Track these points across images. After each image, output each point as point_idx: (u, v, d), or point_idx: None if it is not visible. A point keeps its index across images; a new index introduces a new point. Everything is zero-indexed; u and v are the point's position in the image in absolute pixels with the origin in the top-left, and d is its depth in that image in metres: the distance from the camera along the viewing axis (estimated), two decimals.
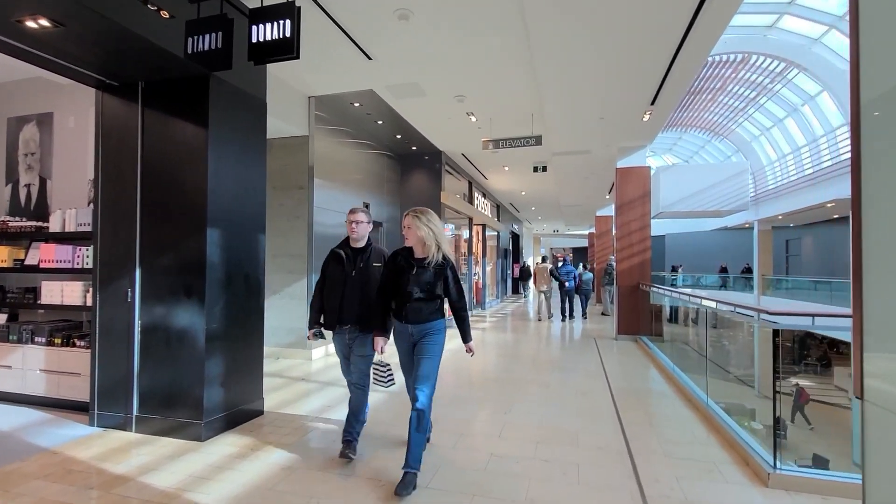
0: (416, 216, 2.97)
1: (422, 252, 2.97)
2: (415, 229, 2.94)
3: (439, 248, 2.97)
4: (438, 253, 2.95)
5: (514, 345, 8.09)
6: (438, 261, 2.95)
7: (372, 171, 8.62)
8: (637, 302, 8.35)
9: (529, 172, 11.29)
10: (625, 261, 8.50)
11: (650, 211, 8.39)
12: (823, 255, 20.62)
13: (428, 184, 9.70)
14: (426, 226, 2.94)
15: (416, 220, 2.96)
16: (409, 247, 3.04)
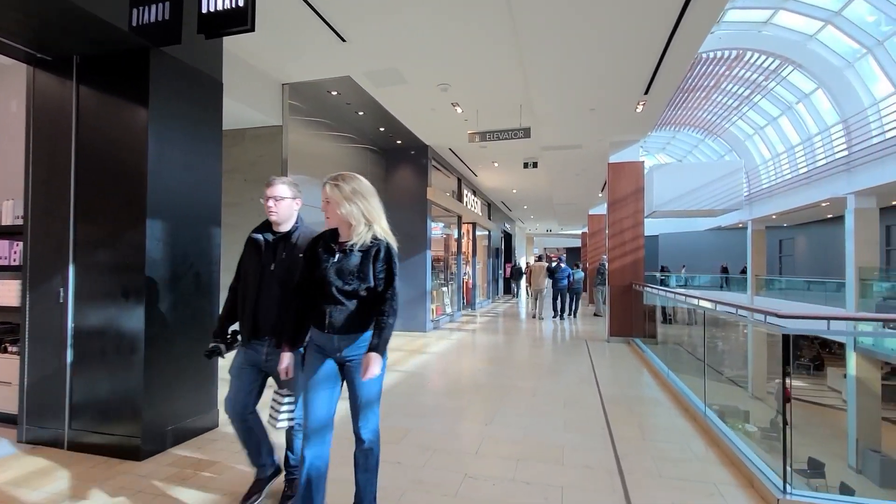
0: (336, 185, 2.14)
1: (348, 234, 2.19)
2: (335, 203, 2.13)
3: (370, 225, 2.21)
4: (368, 232, 2.19)
5: (502, 347, 7.71)
6: (366, 242, 2.17)
7: (354, 167, 8.21)
8: (630, 303, 8.00)
9: (520, 169, 10.93)
10: (617, 260, 8.15)
11: (643, 208, 8.05)
12: (817, 256, 20.44)
13: (414, 180, 9.31)
14: (349, 198, 2.13)
15: (335, 190, 2.13)
16: (334, 228, 2.25)
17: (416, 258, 9.22)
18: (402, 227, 9.51)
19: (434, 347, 7.54)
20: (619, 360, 6.65)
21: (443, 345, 7.81)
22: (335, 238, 2.24)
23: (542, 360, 6.71)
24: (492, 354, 7.07)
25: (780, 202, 17.74)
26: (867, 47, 12.63)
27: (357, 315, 2.15)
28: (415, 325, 9.19)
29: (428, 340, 8.24)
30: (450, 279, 12.29)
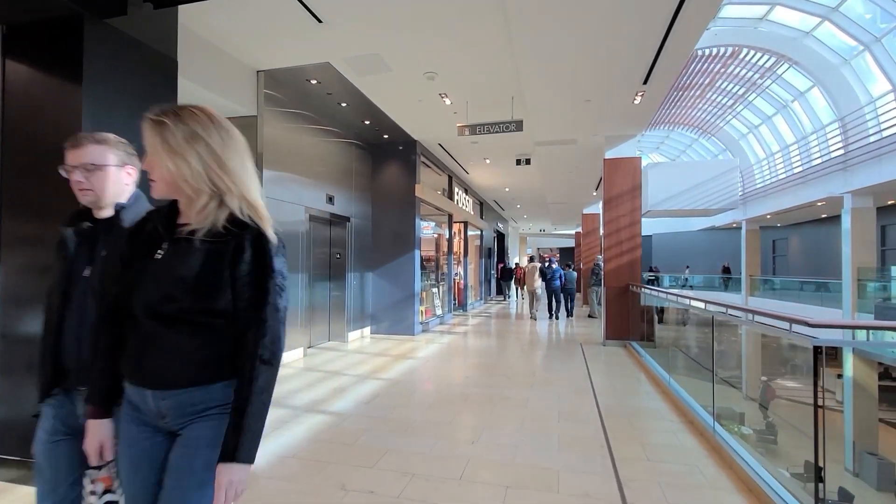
0: (159, 123, 1.18)
1: (189, 210, 1.21)
2: (159, 155, 1.18)
3: (222, 197, 1.19)
4: (221, 209, 1.19)
5: (492, 351, 7.32)
6: (219, 225, 1.18)
7: (338, 162, 7.78)
8: (626, 305, 7.65)
9: (512, 165, 10.55)
10: (613, 260, 7.79)
11: (640, 206, 7.70)
12: (810, 256, 20.29)
13: (402, 176, 8.89)
14: (181, 147, 1.16)
15: (156, 131, 1.18)
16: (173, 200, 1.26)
17: (403, 258, 8.80)
18: (389, 225, 9.13)
19: (421, 352, 7.14)
20: (616, 366, 6.28)
21: (431, 349, 7.41)
22: (172, 219, 1.25)
23: (535, 365, 6.33)
24: (481, 360, 6.68)
25: (775, 202, 17.55)
26: (864, 44, 12.41)
27: (189, 356, 1.17)
28: (402, 328, 8.78)
29: (415, 344, 7.83)
30: (440, 280, 11.89)
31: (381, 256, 8.91)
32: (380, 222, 8.93)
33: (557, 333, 9.45)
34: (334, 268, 8.04)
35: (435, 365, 6.26)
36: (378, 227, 8.94)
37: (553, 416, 4.11)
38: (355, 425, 3.82)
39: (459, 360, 6.66)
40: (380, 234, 8.92)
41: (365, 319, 8.75)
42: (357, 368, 5.97)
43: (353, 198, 8.30)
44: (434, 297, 10.94)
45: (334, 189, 7.60)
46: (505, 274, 18.20)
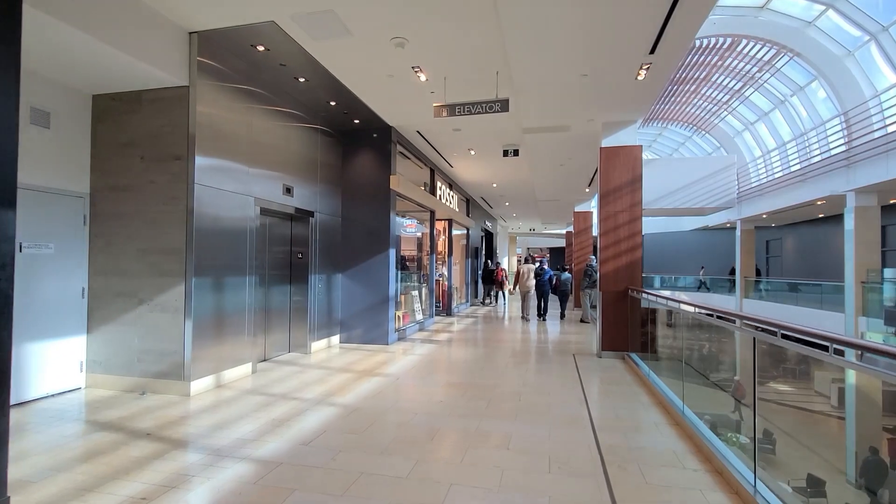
0: None
1: None
2: None
3: None
4: None
5: (473, 366, 6.38)
6: None
7: (300, 150, 6.78)
8: (625, 312, 6.76)
9: (499, 157, 9.63)
10: (610, 261, 6.90)
11: (641, 200, 6.82)
12: (805, 257, 19.68)
13: (376, 168, 7.92)
14: None
15: None
16: None
17: (377, 258, 7.83)
18: (362, 222, 8.16)
19: (392, 366, 6.18)
20: (616, 385, 5.38)
21: (403, 363, 6.46)
22: None
23: (522, 385, 5.40)
24: (460, 377, 5.74)
25: (772, 201, 16.87)
26: (871, 33, 11.70)
27: None
28: (374, 336, 7.81)
29: (388, 356, 6.88)
30: (422, 282, 10.94)
31: (352, 256, 7.94)
32: (351, 218, 7.95)
33: (547, 342, 8.55)
34: (296, 269, 7.05)
35: (404, 384, 5.31)
36: (349, 223, 7.95)
37: (542, 464, 3.18)
38: (279, 482, 2.85)
39: (434, 377, 5.71)
40: (351, 231, 7.94)
41: (333, 327, 7.77)
42: (311, 390, 4.99)
43: (319, 191, 7.31)
44: (414, 301, 9.99)
45: (294, 180, 6.61)
46: (485, 276, 16.11)
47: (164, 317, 4.80)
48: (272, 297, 6.61)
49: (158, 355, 4.82)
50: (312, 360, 6.54)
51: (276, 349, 6.74)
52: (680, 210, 18.57)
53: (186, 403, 4.47)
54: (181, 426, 3.84)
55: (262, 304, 6.35)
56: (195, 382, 4.78)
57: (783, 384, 16.97)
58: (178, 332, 4.76)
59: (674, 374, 5.56)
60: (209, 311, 4.99)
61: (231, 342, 5.31)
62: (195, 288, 4.76)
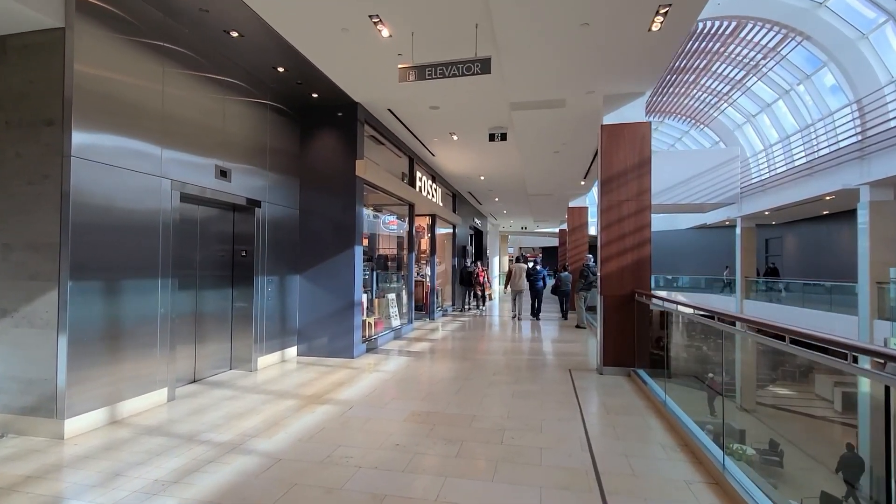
0: None
1: None
2: None
3: None
4: None
5: (450, 387, 5.23)
6: None
7: (241, 130, 5.59)
8: (631, 320, 5.66)
9: (485, 143, 8.49)
10: (612, 260, 5.79)
11: (650, 187, 5.72)
12: (808, 256, 18.75)
13: (339, 151, 6.74)
14: None
15: None
16: None
17: (340, 257, 6.66)
18: (323, 215, 6.96)
19: (349, 389, 5.02)
20: (626, 417, 4.26)
21: (365, 383, 5.29)
22: None
23: (506, 416, 4.26)
24: (430, 404, 4.58)
25: (775, 197, 15.88)
26: (889, 12, 10.73)
27: None
28: (338, 348, 6.64)
29: (349, 374, 5.72)
30: (400, 283, 9.79)
31: (312, 255, 6.76)
32: (312, 211, 6.77)
33: (540, 353, 7.42)
34: (239, 269, 5.86)
35: (357, 417, 4.15)
36: (309, 217, 6.77)
37: None
38: None
39: (398, 404, 4.55)
40: (311, 226, 6.76)
41: (288, 337, 6.59)
42: (232, 427, 3.81)
43: (270, 179, 6.13)
44: (390, 305, 8.82)
45: (234, 163, 5.42)
46: (464, 279, 13.70)
47: (31, 333, 3.60)
48: (206, 302, 5.41)
49: (25, 384, 3.61)
50: (256, 380, 5.36)
51: (212, 366, 5.55)
52: (679, 206, 17.59)
53: (50, 451, 3.27)
54: (14, 493, 2.66)
55: (191, 311, 5.16)
56: (73, 420, 3.58)
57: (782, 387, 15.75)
58: (49, 352, 3.56)
59: (700, 403, 4.44)
60: (97, 323, 3.79)
61: (133, 362, 4.11)
62: (73, 294, 3.57)
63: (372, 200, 9.25)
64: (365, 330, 7.50)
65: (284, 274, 6.48)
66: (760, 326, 2.75)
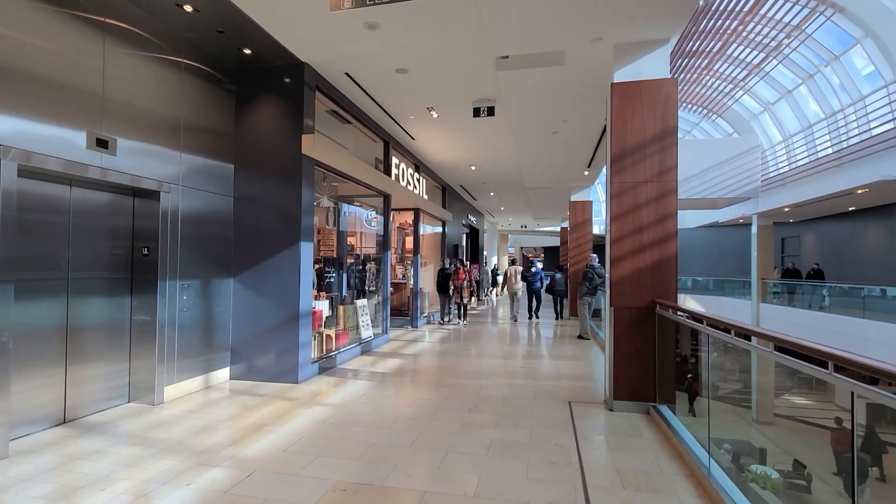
0: None
1: None
2: None
3: None
4: None
5: (402, 437, 3.83)
6: None
7: (134, 96, 4.23)
8: (650, 338, 4.25)
9: (470, 121, 7.12)
10: (626, 261, 4.38)
11: (676, 164, 4.30)
12: (829, 256, 17.21)
13: (282, 124, 5.36)
14: None
15: None
16: None
17: (283, 256, 5.29)
18: (265, 203, 4.65)
19: (266, 438, 3.63)
20: (651, 496, 2.86)
21: (294, 426, 3.91)
22: None
23: (474, 493, 2.86)
24: (368, 469, 3.19)
25: (797, 191, 14.38)
26: None
27: None
28: (280, 370, 5.26)
29: (281, 408, 4.34)
30: (372, 286, 8.42)
31: (249, 253, 5.39)
32: (249, 200, 5.40)
33: (533, 375, 6.02)
34: (140, 272, 4.49)
35: (247, 497, 2.76)
36: (246, 207, 5.41)
37: None
38: None
39: (319, 470, 3.16)
40: (248, 218, 5.40)
41: (217, 356, 5.22)
42: None
43: (187, 158, 4.77)
44: (360, 314, 7.44)
45: (123, 136, 4.06)
46: (441, 284, 10.71)
47: None
48: (86, 313, 4.04)
49: None
50: (151, 420, 3.99)
51: (100, 399, 4.18)
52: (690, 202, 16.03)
53: None
54: None
55: (56, 325, 3.79)
56: None
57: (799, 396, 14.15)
58: None
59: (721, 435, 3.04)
60: None
61: None
62: None
63: (342, 191, 7.90)
64: (323, 345, 6.14)
65: (211, 277, 5.11)
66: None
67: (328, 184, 7.16)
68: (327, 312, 6.70)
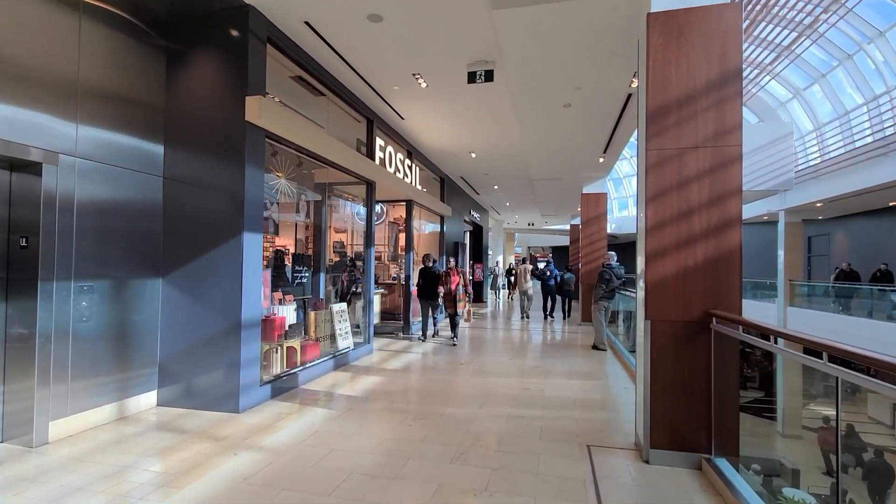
0: None
1: None
2: None
3: None
4: None
5: (367, 489, 2.67)
6: None
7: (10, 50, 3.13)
8: (704, 365, 3.04)
9: (465, 93, 5.95)
10: (668, 256, 3.16)
11: (740, 123, 3.09)
12: (863, 255, 15.75)
13: (223, 86, 4.22)
14: None
15: None
16: None
17: (222, 252, 4.16)
18: (201, 185, 3.69)
19: None
20: None
21: (208, 485, 2.76)
22: None
23: None
24: None
25: (832, 185, 12.96)
26: None
27: None
28: (219, 395, 4.12)
29: (203, 450, 3.20)
30: (353, 288, 7.28)
31: (182, 248, 4.26)
32: (182, 182, 4.28)
33: (541, 402, 4.81)
34: (15, 270, 3.37)
35: None
36: (178, 191, 4.28)
37: None
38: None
39: None
40: (181, 204, 4.27)
41: (138, 377, 4.10)
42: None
43: (83, 128, 3.66)
44: (336, 320, 6.29)
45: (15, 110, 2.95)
46: (424, 288, 8.15)
47: None
48: None
49: None
50: (15, 471, 2.87)
51: None
52: None
53: None
54: None
55: None
56: None
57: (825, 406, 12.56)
58: None
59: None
60: None
61: None
62: None
63: (320, 178, 6.77)
64: (284, 360, 5.00)
65: (129, 277, 3.99)
66: None
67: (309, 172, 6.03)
68: (293, 319, 5.57)
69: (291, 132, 4.67)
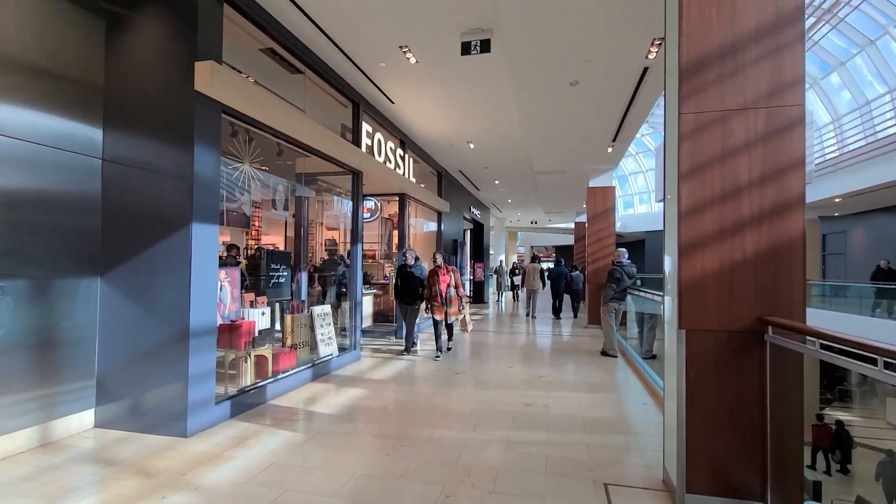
0: None
1: None
2: None
3: None
4: None
5: None
6: None
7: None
8: (757, 388, 2.35)
9: (459, 71, 5.28)
10: (708, 248, 2.48)
11: (803, 76, 2.42)
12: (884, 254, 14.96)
13: (168, 53, 3.57)
14: None
15: None
16: None
17: (168, 246, 3.51)
18: (147, 169, 2.58)
19: None
20: None
21: None
22: None
23: None
24: None
25: (853, 178, 12.20)
26: None
27: None
28: (159, 417, 3.47)
29: (127, 490, 2.54)
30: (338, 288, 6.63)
31: (124, 242, 3.62)
32: (123, 166, 3.63)
33: (546, 422, 4.13)
34: None
35: None
36: (118, 176, 3.64)
37: None
38: None
39: None
40: (123, 192, 3.63)
41: (70, 393, 3.45)
42: None
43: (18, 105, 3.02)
44: (319, 324, 5.64)
45: None
46: (404, 290, 6.81)
47: None
48: None
49: None
50: None
51: None
52: None
53: None
54: None
55: None
56: None
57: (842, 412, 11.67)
58: None
59: None
60: None
61: None
62: None
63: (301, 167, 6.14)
64: (251, 371, 4.35)
65: (56, 276, 3.34)
66: None
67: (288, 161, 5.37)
68: (265, 324, 4.93)
69: (255, 109, 4.01)
